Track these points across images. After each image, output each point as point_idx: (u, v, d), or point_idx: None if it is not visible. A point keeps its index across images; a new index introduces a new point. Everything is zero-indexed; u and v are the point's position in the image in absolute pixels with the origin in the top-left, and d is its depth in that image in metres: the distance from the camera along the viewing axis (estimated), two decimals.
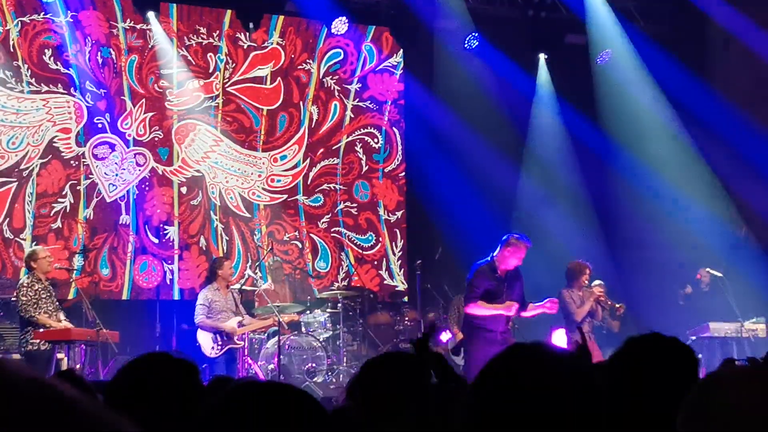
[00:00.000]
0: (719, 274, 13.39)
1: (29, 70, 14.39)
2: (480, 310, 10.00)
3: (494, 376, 1.83)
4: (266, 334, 13.01)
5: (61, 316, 11.31)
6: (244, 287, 14.01)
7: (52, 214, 14.36)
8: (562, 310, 12.30)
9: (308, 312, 13.55)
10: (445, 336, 13.85)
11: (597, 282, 12.35)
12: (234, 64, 15.63)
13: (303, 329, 13.13)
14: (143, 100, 15.05)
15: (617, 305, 12.16)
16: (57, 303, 11.42)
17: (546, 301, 10.37)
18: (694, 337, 13.25)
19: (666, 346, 2.96)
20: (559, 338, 13.76)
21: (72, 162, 14.56)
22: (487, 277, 10.05)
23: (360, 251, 16.15)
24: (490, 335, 9.89)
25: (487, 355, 7.52)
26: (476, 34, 16.05)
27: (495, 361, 1.90)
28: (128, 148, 14.89)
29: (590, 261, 12.48)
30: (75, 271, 13.52)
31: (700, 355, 12.27)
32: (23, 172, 14.23)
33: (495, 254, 10.11)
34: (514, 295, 10.15)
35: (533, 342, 1.93)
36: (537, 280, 12.52)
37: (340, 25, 15.71)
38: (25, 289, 11.01)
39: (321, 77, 16.18)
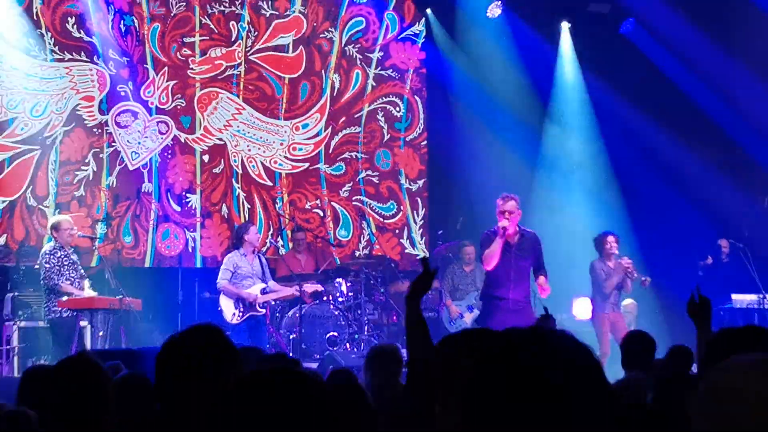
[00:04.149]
0: (740, 245, 13.35)
1: (52, 38, 14.45)
2: (486, 252, 9.94)
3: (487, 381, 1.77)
4: (288, 303, 13.07)
5: (86, 284, 11.39)
6: (265, 256, 14.05)
7: (75, 182, 14.46)
8: (591, 281, 12.38)
9: (330, 281, 13.59)
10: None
11: (625, 257, 12.30)
12: (256, 33, 15.63)
13: (324, 298, 13.17)
14: (166, 68, 15.10)
15: (643, 278, 12.25)
16: (81, 271, 11.49)
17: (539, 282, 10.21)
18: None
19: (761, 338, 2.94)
20: (581, 307, 13.82)
21: (95, 130, 14.64)
22: (489, 239, 10.04)
23: (381, 220, 16.17)
24: (501, 303, 9.87)
25: (497, 324, 7.41)
26: (499, 2, 15.95)
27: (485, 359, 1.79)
28: (151, 116, 14.95)
29: (610, 230, 12.54)
30: (98, 239, 13.54)
31: None
32: (47, 139, 14.32)
33: None
34: (524, 261, 10.10)
35: (528, 329, 1.82)
36: (557, 248, 12.53)
37: None
38: (47, 256, 11.07)
39: (343, 45, 16.15)
